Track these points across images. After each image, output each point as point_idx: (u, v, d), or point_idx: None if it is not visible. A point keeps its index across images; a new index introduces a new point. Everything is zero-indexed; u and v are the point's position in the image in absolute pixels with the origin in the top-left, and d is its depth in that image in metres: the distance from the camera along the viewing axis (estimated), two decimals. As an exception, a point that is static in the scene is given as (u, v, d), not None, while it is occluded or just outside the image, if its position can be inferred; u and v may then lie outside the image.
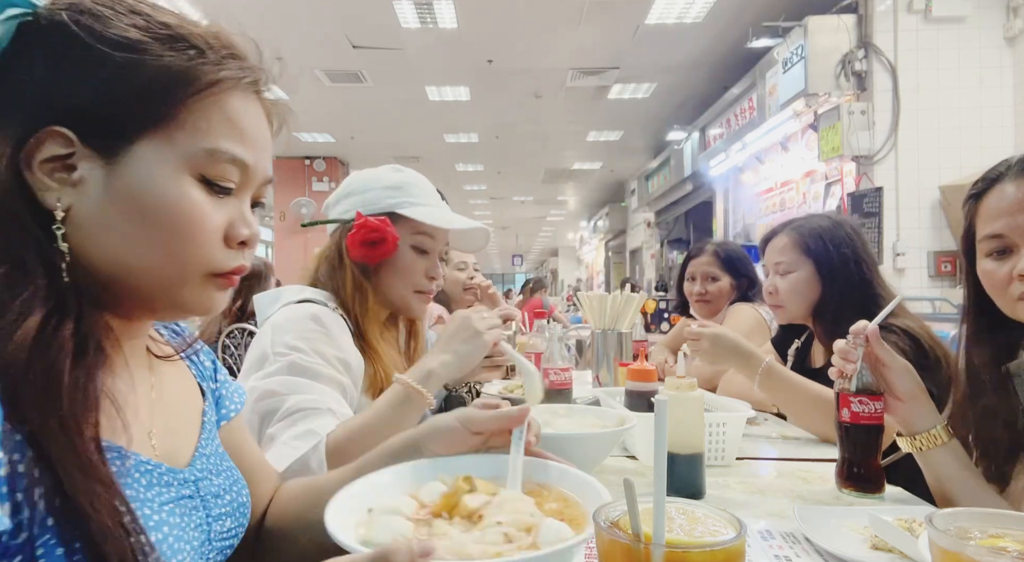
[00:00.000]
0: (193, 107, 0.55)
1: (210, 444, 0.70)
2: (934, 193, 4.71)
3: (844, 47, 4.84)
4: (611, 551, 0.50)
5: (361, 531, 0.58)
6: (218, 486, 0.66)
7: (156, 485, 0.58)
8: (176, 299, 0.58)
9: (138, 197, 0.53)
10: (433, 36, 6.25)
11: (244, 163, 0.58)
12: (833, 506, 0.99)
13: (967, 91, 4.72)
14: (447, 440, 0.73)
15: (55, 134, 0.51)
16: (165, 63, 0.54)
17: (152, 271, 0.55)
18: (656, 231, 11.51)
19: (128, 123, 0.53)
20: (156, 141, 0.54)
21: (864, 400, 1.03)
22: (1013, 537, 0.54)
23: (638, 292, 2.15)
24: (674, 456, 0.99)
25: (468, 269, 2.88)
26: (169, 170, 0.54)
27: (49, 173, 0.52)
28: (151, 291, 0.56)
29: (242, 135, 0.58)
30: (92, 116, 0.52)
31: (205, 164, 0.56)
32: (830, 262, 1.56)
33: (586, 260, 20.59)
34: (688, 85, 7.64)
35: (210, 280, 0.58)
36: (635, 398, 1.37)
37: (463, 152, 10.94)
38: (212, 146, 0.55)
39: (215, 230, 0.57)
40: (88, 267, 0.53)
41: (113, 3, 0.55)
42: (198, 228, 0.55)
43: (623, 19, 5.94)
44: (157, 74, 0.53)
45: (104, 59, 0.52)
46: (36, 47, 0.52)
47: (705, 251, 2.41)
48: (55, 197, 0.52)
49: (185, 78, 0.54)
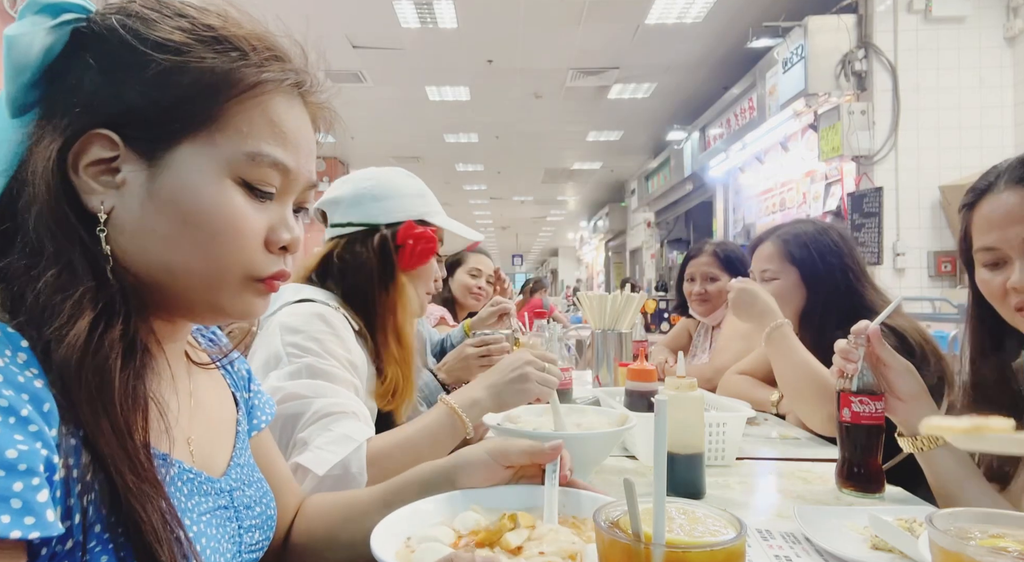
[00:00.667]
0: (235, 110, 0.54)
1: (243, 454, 0.69)
2: (934, 193, 4.71)
3: (844, 47, 4.84)
4: (611, 551, 0.50)
5: (404, 558, 0.60)
6: (250, 497, 0.66)
7: (196, 494, 0.58)
8: (215, 302, 0.57)
9: (179, 200, 0.53)
10: (433, 36, 6.25)
11: (286, 167, 0.57)
12: (833, 506, 0.99)
13: (967, 91, 4.72)
14: (479, 473, 0.74)
15: (100, 137, 0.51)
16: (207, 66, 0.53)
17: (192, 274, 0.54)
18: (656, 231, 11.51)
19: (170, 126, 0.53)
20: (198, 144, 0.53)
21: (865, 400, 1.03)
22: (1013, 537, 0.54)
23: (638, 292, 2.15)
24: (674, 456, 0.99)
25: (481, 277, 2.87)
26: (210, 173, 0.54)
27: (94, 176, 0.52)
28: (191, 293, 0.56)
29: (284, 138, 0.57)
30: (136, 119, 0.52)
31: (246, 168, 0.55)
32: (815, 270, 1.56)
33: (586, 260, 20.59)
34: (688, 85, 7.64)
35: (250, 284, 0.58)
36: (635, 398, 1.37)
37: (463, 152, 10.94)
38: (254, 150, 0.55)
39: (256, 234, 0.56)
40: (130, 269, 0.53)
41: (160, 6, 0.55)
42: (238, 232, 0.55)
43: (623, 19, 5.94)
44: (199, 77, 0.53)
45: (148, 62, 0.52)
46: (87, 52, 0.52)
47: (704, 251, 2.42)
48: (99, 200, 0.52)
49: (227, 81, 0.54)
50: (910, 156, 4.73)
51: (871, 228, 4.72)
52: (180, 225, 0.53)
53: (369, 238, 1.21)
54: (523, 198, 15.61)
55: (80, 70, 0.52)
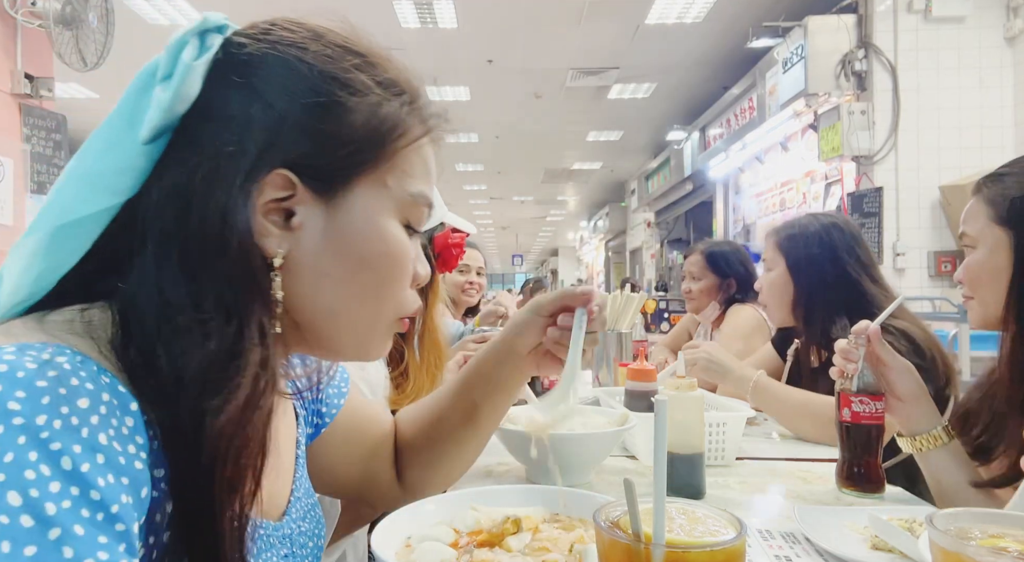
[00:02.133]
0: (404, 152, 0.54)
1: (302, 484, 0.66)
2: (934, 193, 4.71)
3: (844, 47, 4.84)
4: (611, 551, 0.50)
5: (404, 557, 0.61)
6: (305, 534, 0.63)
7: (265, 550, 0.55)
8: (365, 344, 0.56)
9: (358, 242, 0.51)
10: (433, 36, 6.25)
11: (432, 206, 0.58)
12: (833, 506, 0.99)
13: (967, 91, 4.72)
14: (529, 331, 0.77)
15: (278, 178, 0.48)
16: (385, 110, 0.52)
17: (353, 316, 0.53)
18: (656, 231, 11.51)
19: (347, 165, 0.51)
20: (371, 185, 0.52)
21: (865, 400, 1.03)
22: (1013, 537, 0.54)
23: (638, 292, 2.16)
24: (674, 456, 0.99)
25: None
26: (385, 214, 0.53)
27: (274, 219, 0.48)
28: (345, 336, 0.54)
29: (430, 179, 0.58)
30: (314, 158, 0.49)
31: (410, 208, 0.55)
32: (798, 260, 1.58)
33: (586, 260, 20.59)
34: (688, 85, 7.64)
35: (394, 324, 0.57)
36: (635, 398, 1.37)
37: (463, 152, 10.94)
38: (417, 191, 0.55)
39: (409, 274, 0.56)
40: (294, 315, 0.51)
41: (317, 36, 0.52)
42: (407, 272, 0.55)
43: (623, 19, 5.94)
44: (376, 119, 0.52)
45: (334, 99, 0.50)
46: (264, 81, 0.48)
47: (695, 250, 2.51)
48: (276, 243, 0.48)
49: (400, 125, 0.53)
50: (910, 156, 4.73)
51: (871, 228, 4.72)
52: (356, 267, 0.52)
53: None
54: (523, 198, 15.60)
55: (246, 101, 0.47)
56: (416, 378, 1.19)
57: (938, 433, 0.99)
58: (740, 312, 2.33)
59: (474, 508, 0.71)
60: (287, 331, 0.50)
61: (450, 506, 0.72)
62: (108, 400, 0.38)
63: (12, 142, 3.24)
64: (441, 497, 0.73)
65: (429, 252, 1.23)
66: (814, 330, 1.56)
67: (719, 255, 2.44)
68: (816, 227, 1.59)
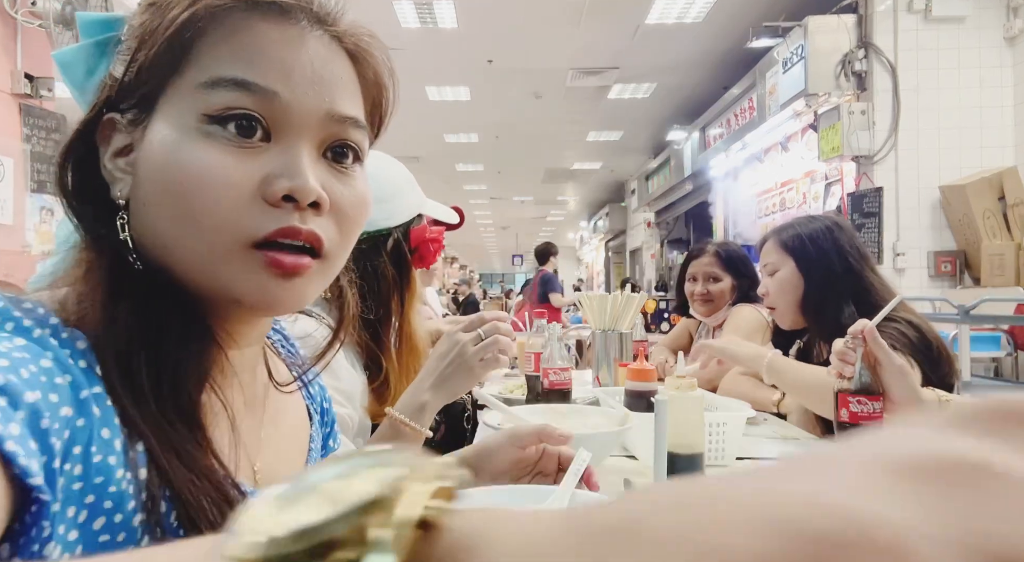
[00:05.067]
0: (202, 49, 0.47)
1: None
2: (934, 193, 4.71)
3: (844, 47, 4.84)
4: (611, 551, 0.50)
5: None
6: None
7: None
8: (219, 282, 0.47)
9: (157, 165, 0.46)
10: (433, 36, 6.24)
11: (264, 89, 0.46)
12: None
13: (967, 91, 4.72)
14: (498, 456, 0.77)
15: (112, 123, 0.50)
16: (174, 14, 0.47)
17: (185, 248, 0.47)
18: (656, 231, 11.50)
19: (148, 85, 0.48)
20: (169, 99, 0.47)
21: (863, 400, 1.04)
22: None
23: (638, 292, 2.15)
24: (674, 456, 0.99)
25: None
26: (178, 127, 0.46)
27: (114, 161, 0.50)
28: (195, 275, 0.47)
29: (260, 59, 0.46)
30: (127, 90, 0.49)
31: (207, 101, 0.46)
32: (807, 256, 1.60)
33: (586, 260, 20.57)
34: (688, 85, 7.64)
35: (249, 254, 0.46)
36: (635, 398, 1.37)
37: (463, 152, 10.93)
38: (209, 77, 0.46)
39: (237, 184, 0.46)
40: (148, 253, 0.49)
41: None
42: (212, 183, 0.45)
43: (623, 19, 5.94)
44: (166, 25, 0.47)
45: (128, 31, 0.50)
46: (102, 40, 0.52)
47: (706, 252, 2.42)
48: (119, 188, 0.49)
49: (190, 20, 0.46)
50: (910, 156, 4.73)
51: (871, 228, 4.72)
52: (162, 194, 0.46)
53: (382, 245, 1.14)
54: (523, 198, 15.60)
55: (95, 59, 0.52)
56: (397, 387, 1.12)
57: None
58: (741, 312, 2.30)
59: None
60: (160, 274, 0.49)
61: None
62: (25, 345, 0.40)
63: (12, 142, 3.24)
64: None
65: (404, 248, 1.15)
66: (826, 322, 1.57)
67: (736, 256, 2.40)
68: (817, 225, 1.64)
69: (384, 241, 1.14)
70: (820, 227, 1.62)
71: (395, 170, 1.22)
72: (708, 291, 2.36)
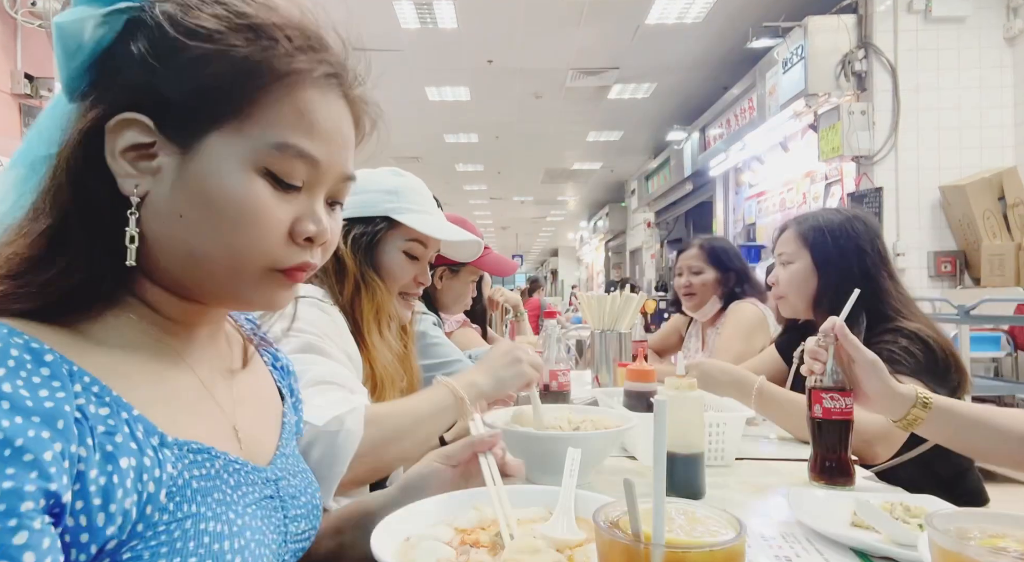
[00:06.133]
0: (265, 100, 0.54)
1: (288, 444, 0.70)
2: (934, 193, 4.71)
3: (844, 47, 4.84)
4: (611, 551, 0.50)
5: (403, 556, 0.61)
6: (295, 487, 0.66)
7: (243, 484, 0.58)
8: (236, 291, 0.57)
9: (204, 187, 0.53)
10: (433, 36, 6.25)
11: (314, 159, 0.56)
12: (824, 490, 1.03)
13: (967, 91, 4.72)
14: (431, 482, 0.78)
15: (135, 123, 0.52)
16: (238, 54, 0.53)
17: (213, 261, 0.55)
18: (656, 231, 11.51)
19: (201, 115, 0.53)
20: (227, 134, 0.54)
21: (836, 396, 1.05)
22: (1013, 537, 0.54)
23: (638, 292, 2.15)
24: (674, 456, 0.99)
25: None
26: (236, 163, 0.54)
27: (132, 161, 0.53)
28: (213, 281, 0.56)
29: (313, 129, 0.56)
30: (169, 106, 0.53)
31: (273, 158, 0.55)
32: (826, 253, 1.55)
33: (586, 260, 20.58)
34: (688, 85, 7.64)
35: (271, 275, 0.57)
36: (634, 398, 1.37)
37: (463, 152, 10.94)
38: (280, 140, 0.55)
39: (277, 225, 0.56)
40: (161, 252, 0.55)
41: None
42: (259, 222, 0.55)
43: (623, 19, 5.94)
44: (230, 66, 0.53)
45: (181, 49, 0.52)
46: (135, 40, 0.53)
47: (692, 245, 2.45)
48: (133, 183, 0.53)
49: (257, 70, 0.54)
50: (910, 156, 4.73)
51: (871, 228, 4.72)
52: (204, 212, 0.54)
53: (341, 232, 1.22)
54: (523, 198, 15.60)
55: (126, 58, 0.53)
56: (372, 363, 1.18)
57: (916, 413, 1.00)
58: (741, 309, 2.29)
59: (477, 508, 0.71)
60: (173, 271, 0.56)
61: (451, 506, 0.72)
62: (17, 355, 0.45)
63: (12, 142, 3.24)
64: (441, 497, 0.73)
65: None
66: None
67: (720, 248, 2.40)
68: (840, 219, 1.57)
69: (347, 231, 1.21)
70: (842, 222, 1.55)
71: (377, 175, 1.27)
72: (691, 283, 2.37)
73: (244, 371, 0.68)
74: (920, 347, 1.35)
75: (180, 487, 0.51)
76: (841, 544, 0.82)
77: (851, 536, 0.82)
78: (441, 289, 2.04)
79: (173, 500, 0.50)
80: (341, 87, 0.60)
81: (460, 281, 2.06)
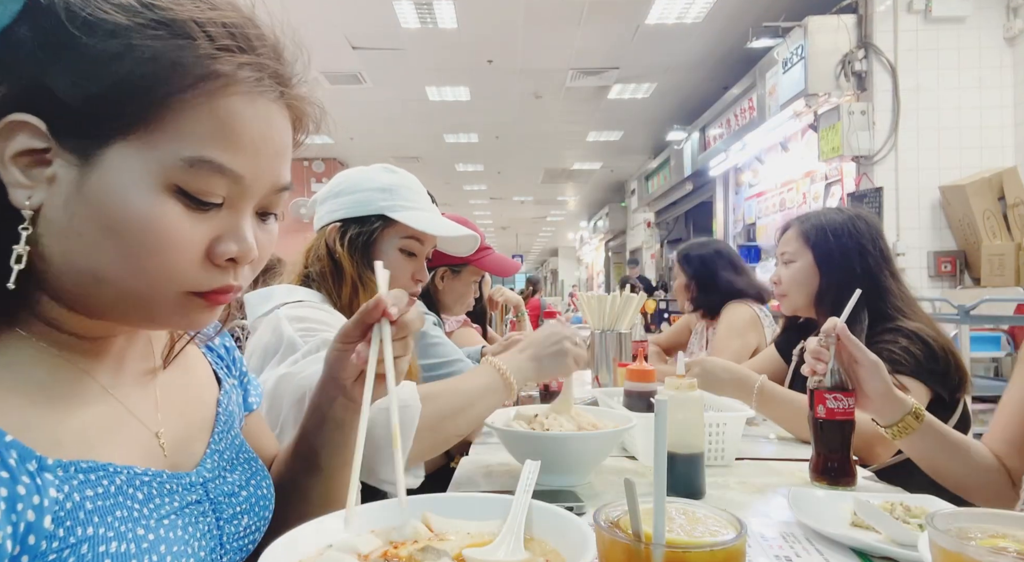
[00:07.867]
0: (178, 107, 0.47)
1: (224, 438, 0.65)
2: (934, 193, 4.71)
3: (844, 47, 4.84)
4: (611, 551, 0.50)
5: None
6: (232, 483, 0.63)
7: (156, 496, 0.54)
8: (149, 314, 0.52)
9: (104, 206, 0.47)
10: (433, 36, 6.24)
11: (236, 174, 0.49)
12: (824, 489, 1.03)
13: (967, 91, 4.72)
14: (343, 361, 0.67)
15: (25, 125, 0.46)
16: (145, 54, 0.46)
17: (121, 283, 0.49)
18: (656, 231, 11.51)
19: (102, 122, 0.46)
20: (133, 144, 0.47)
21: (838, 396, 1.05)
22: (1013, 537, 0.54)
23: (638, 292, 2.15)
24: (674, 456, 0.99)
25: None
26: (141, 180, 0.47)
27: (23, 168, 0.47)
28: (122, 302, 0.50)
29: (236, 141, 0.49)
30: (67, 111, 0.46)
31: (185, 175, 0.48)
32: (828, 252, 1.55)
33: (586, 260, 20.58)
34: (688, 85, 7.64)
35: (188, 299, 0.51)
36: (634, 398, 1.37)
37: (463, 152, 10.93)
38: (194, 155, 0.47)
39: (190, 247, 0.49)
40: (61, 272, 0.49)
41: None
42: (167, 246, 0.48)
43: (623, 19, 5.94)
44: (136, 67, 0.46)
45: (78, 45, 0.45)
46: (25, 25, 0.46)
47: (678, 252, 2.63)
48: (25, 195, 0.46)
49: (168, 72, 0.46)
50: (910, 156, 4.73)
51: (871, 228, 4.72)
52: (105, 233, 0.47)
53: (337, 234, 1.22)
54: (523, 198, 15.60)
55: (20, 48, 0.46)
56: None
57: (908, 422, 1.01)
58: (735, 309, 2.38)
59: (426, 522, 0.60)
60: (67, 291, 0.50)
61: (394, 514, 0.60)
62: None
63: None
64: (392, 502, 0.61)
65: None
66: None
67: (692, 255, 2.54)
68: (843, 219, 1.57)
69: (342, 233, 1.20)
70: (845, 221, 1.56)
71: (370, 173, 1.26)
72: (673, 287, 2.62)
73: (169, 369, 0.63)
74: (920, 347, 1.35)
75: (70, 511, 0.46)
76: (841, 544, 0.82)
77: (851, 536, 0.81)
78: (442, 290, 2.04)
79: (63, 525, 0.45)
80: (277, 89, 0.52)
81: (462, 282, 2.06)
